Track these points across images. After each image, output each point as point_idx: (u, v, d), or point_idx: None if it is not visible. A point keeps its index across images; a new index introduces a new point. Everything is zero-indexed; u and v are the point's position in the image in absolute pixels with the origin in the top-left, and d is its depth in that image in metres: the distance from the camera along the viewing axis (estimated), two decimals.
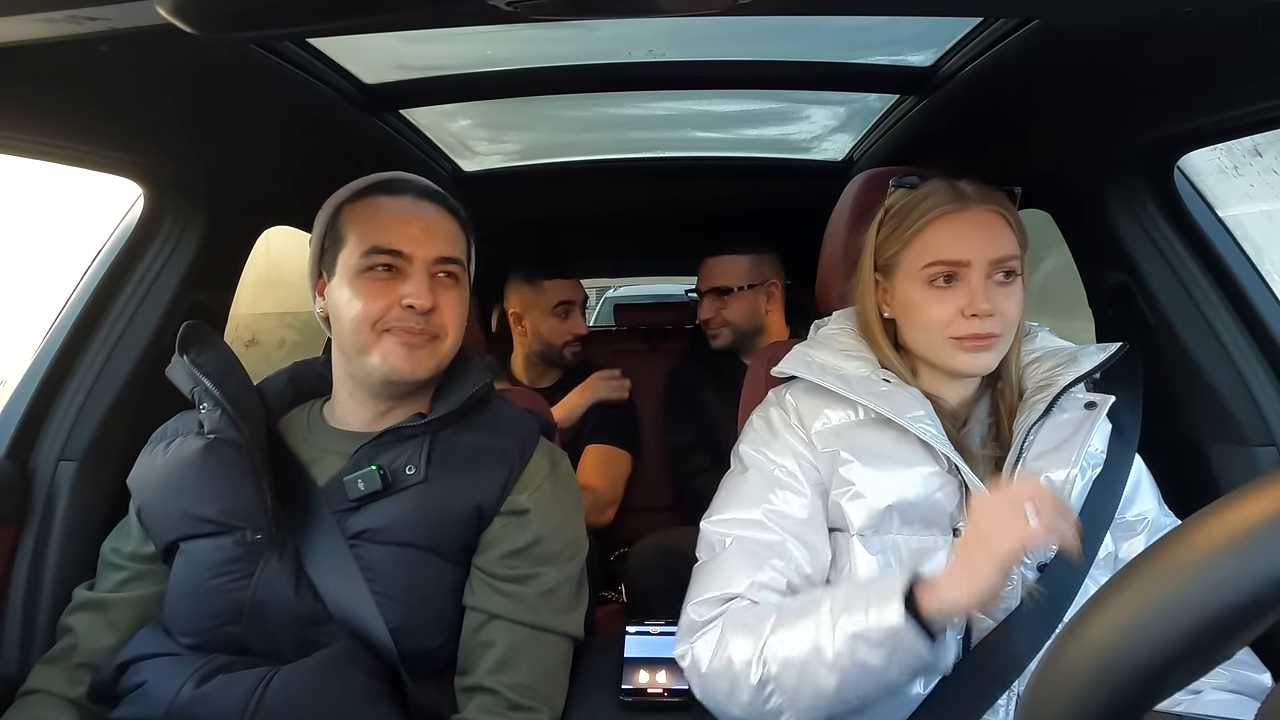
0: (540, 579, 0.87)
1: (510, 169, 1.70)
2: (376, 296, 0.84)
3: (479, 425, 0.91)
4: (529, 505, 0.88)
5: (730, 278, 1.66)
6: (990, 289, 0.81)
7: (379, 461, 0.84)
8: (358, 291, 0.85)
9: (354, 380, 0.90)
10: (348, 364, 0.89)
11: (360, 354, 0.86)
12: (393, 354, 0.84)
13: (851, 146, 1.59)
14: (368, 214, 0.88)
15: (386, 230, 0.86)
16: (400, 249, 0.85)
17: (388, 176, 0.92)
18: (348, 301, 0.85)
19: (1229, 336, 1.02)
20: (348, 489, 0.83)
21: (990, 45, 0.89)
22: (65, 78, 0.75)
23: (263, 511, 0.82)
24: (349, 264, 0.86)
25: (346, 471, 0.85)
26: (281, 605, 0.81)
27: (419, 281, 0.85)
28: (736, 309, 1.65)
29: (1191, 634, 0.28)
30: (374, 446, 0.86)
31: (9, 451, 1.02)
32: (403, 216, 0.88)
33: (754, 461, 0.88)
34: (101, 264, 1.10)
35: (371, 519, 0.83)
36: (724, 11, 0.62)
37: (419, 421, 0.88)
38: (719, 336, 1.67)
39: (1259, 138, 1.27)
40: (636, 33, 1.08)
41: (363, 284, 0.85)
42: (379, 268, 0.85)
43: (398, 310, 0.84)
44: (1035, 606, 0.78)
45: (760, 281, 1.67)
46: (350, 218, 0.88)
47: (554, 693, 0.86)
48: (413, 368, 0.85)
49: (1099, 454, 0.85)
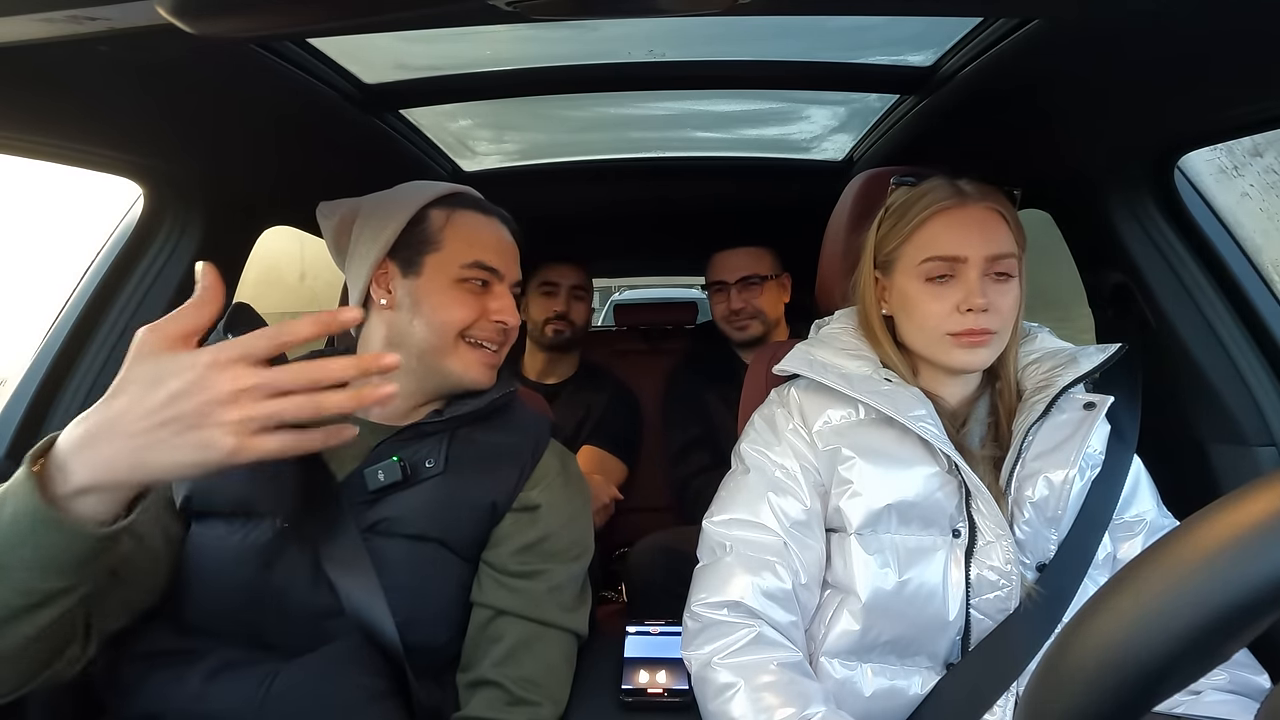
0: (548, 575, 0.88)
1: (510, 169, 1.70)
2: (468, 307, 0.90)
3: (497, 425, 0.93)
4: (540, 501, 0.90)
5: (761, 267, 1.67)
6: (986, 285, 0.81)
7: (400, 455, 0.86)
8: (453, 298, 0.89)
9: (403, 372, 0.90)
10: (408, 358, 0.89)
11: (436, 355, 0.89)
12: (474, 368, 0.90)
13: (851, 146, 1.59)
14: (471, 228, 0.93)
15: (487, 249, 0.92)
16: (497, 269, 0.92)
17: (476, 195, 0.98)
18: (439, 305, 0.89)
19: (1229, 336, 1.02)
20: (368, 480, 0.84)
21: (990, 45, 0.89)
22: (65, 78, 0.75)
23: (282, 501, 0.83)
24: (447, 269, 0.90)
25: (367, 464, 0.85)
26: (299, 596, 0.81)
27: (509, 301, 0.92)
28: (769, 298, 1.66)
29: (1193, 633, 0.28)
30: (395, 441, 0.88)
31: (9, 451, 1.02)
32: (498, 239, 0.95)
33: (755, 462, 0.88)
34: (101, 264, 1.10)
35: (388, 509, 0.84)
36: (724, 11, 0.62)
37: (440, 419, 0.89)
38: (748, 328, 1.65)
39: (1259, 138, 1.27)
40: (636, 33, 1.08)
41: (458, 292, 0.90)
42: (477, 281, 0.91)
43: (485, 323, 0.90)
44: (1034, 607, 0.78)
45: (783, 272, 1.70)
46: (450, 225, 0.92)
47: (558, 687, 0.87)
48: (488, 380, 0.92)
49: (1098, 454, 0.85)
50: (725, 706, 0.74)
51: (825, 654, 0.82)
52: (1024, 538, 0.81)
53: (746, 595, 0.80)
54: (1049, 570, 0.80)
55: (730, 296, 1.66)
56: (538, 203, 1.79)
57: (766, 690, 0.73)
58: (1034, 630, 0.78)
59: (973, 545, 0.80)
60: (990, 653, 0.79)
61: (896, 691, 0.81)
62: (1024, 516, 0.80)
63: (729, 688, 0.75)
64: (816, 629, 0.84)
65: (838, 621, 0.82)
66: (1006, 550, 0.79)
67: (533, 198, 1.76)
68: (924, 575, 0.80)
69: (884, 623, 0.80)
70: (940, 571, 0.80)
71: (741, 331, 1.66)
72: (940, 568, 0.80)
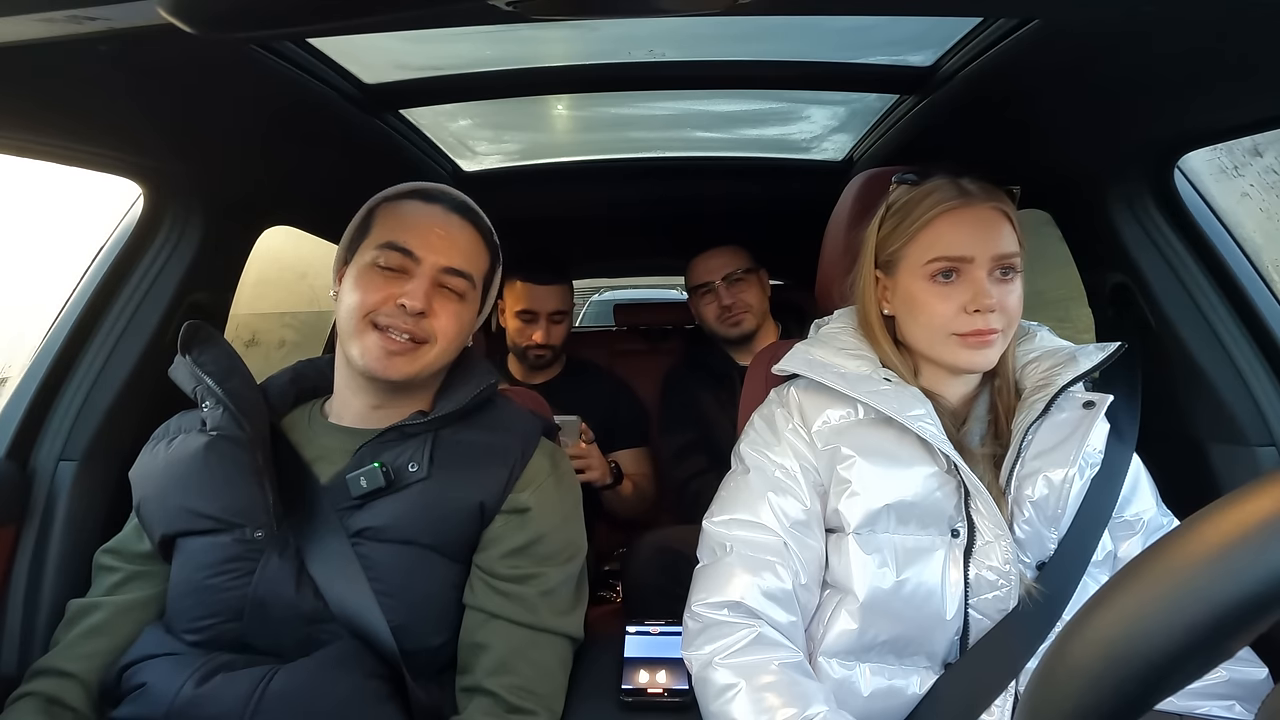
0: (540, 579, 0.87)
1: (510, 169, 1.70)
2: (376, 289, 0.87)
3: (482, 424, 0.92)
4: (530, 504, 0.88)
5: (741, 262, 1.69)
6: (992, 285, 0.81)
7: (382, 459, 0.85)
8: (361, 281, 0.87)
9: (349, 368, 0.91)
10: (343, 350, 0.90)
11: (346, 340, 0.88)
12: (371, 351, 0.86)
13: (851, 146, 1.59)
14: (397, 214, 0.91)
15: (406, 231, 0.88)
16: (412, 250, 0.87)
17: (430, 186, 0.95)
18: (351, 289, 0.88)
19: (1229, 336, 1.02)
20: (350, 486, 0.83)
21: (990, 45, 0.89)
22: (65, 78, 0.75)
23: (264, 509, 0.83)
24: (365, 253, 0.89)
25: (349, 469, 0.85)
26: (282, 603, 0.81)
27: (419, 284, 0.87)
28: (755, 292, 1.68)
29: (1194, 631, 0.28)
30: (377, 444, 0.87)
31: (9, 451, 1.02)
32: (427, 222, 0.90)
33: (755, 462, 0.88)
34: (101, 264, 1.11)
35: (374, 517, 0.84)
36: (724, 11, 0.62)
37: (421, 420, 0.88)
38: (742, 322, 1.66)
39: (1259, 138, 1.27)
40: (636, 33, 1.08)
41: (369, 275, 0.88)
42: (388, 264, 0.88)
43: (391, 307, 0.86)
44: (1033, 606, 0.78)
45: (759, 267, 1.72)
46: (381, 214, 0.92)
47: (553, 694, 0.86)
48: (384, 369, 0.86)
49: (1097, 453, 0.85)
50: (726, 707, 0.74)
51: (823, 654, 0.82)
52: (1024, 537, 0.81)
53: (747, 595, 0.80)
54: (1048, 569, 0.80)
55: (719, 294, 1.68)
56: (538, 203, 1.79)
57: (768, 690, 0.73)
58: (1033, 630, 0.78)
59: (971, 545, 0.80)
60: (988, 652, 0.79)
61: (895, 691, 0.81)
62: (1024, 516, 0.80)
63: (730, 688, 0.75)
64: (815, 629, 0.84)
65: (836, 621, 0.81)
66: (1005, 550, 0.79)
67: (533, 198, 1.76)
68: (922, 575, 0.80)
69: (882, 622, 0.80)
70: (939, 571, 0.80)
71: (735, 328, 1.67)
72: (939, 568, 0.80)
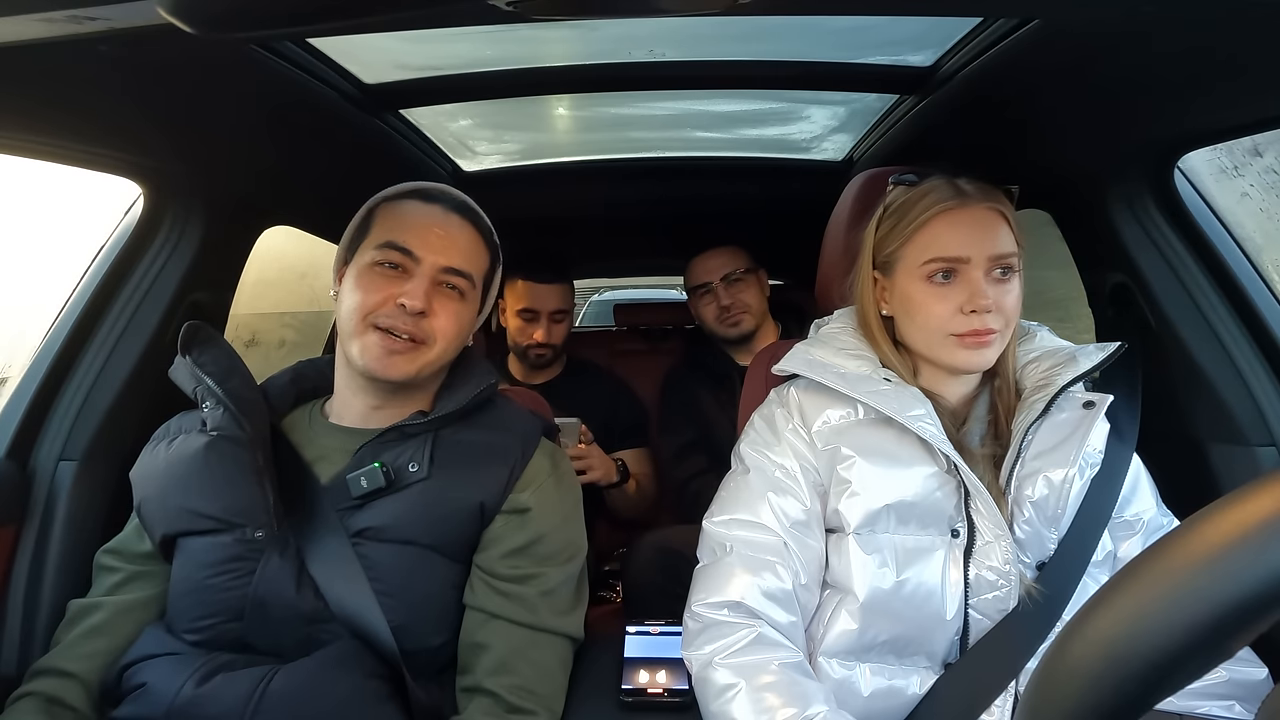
0: (540, 579, 0.87)
1: (510, 169, 1.70)
2: (376, 290, 0.87)
3: (482, 424, 0.92)
4: (530, 504, 0.88)
5: (740, 262, 1.69)
6: (989, 285, 0.81)
7: (382, 459, 0.85)
8: (361, 282, 0.87)
9: (349, 368, 0.91)
10: (343, 350, 0.90)
11: (346, 340, 0.88)
12: (370, 351, 0.86)
13: (851, 146, 1.59)
14: (396, 213, 0.91)
15: (405, 230, 0.88)
16: (411, 249, 0.87)
17: (429, 185, 0.95)
18: (350, 289, 0.88)
19: (1229, 336, 1.02)
20: (350, 486, 0.84)
21: (990, 45, 0.89)
22: (65, 78, 0.75)
23: (264, 509, 0.83)
24: (365, 254, 0.89)
25: (349, 469, 0.85)
26: (283, 603, 0.81)
27: (419, 284, 0.87)
28: (754, 292, 1.68)
29: (1194, 631, 0.28)
30: (377, 444, 0.87)
31: (9, 451, 1.02)
32: (426, 222, 0.90)
33: (755, 462, 0.88)
34: (101, 264, 1.10)
35: (374, 517, 0.84)
36: (724, 11, 0.62)
37: (422, 420, 0.88)
38: (741, 322, 1.66)
39: (1259, 138, 1.27)
40: (636, 33, 1.08)
41: (368, 276, 0.88)
42: (387, 264, 0.88)
43: (391, 307, 0.86)
44: (1033, 606, 0.78)
45: (758, 267, 1.72)
46: (381, 214, 0.92)
47: (553, 695, 0.86)
48: (384, 369, 0.86)
49: (1097, 453, 0.85)
50: (726, 707, 0.74)
51: (823, 654, 0.82)
52: (1024, 537, 0.81)
53: (747, 595, 0.80)
54: (1048, 569, 0.80)
55: (718, 295, 1.68)
56: (538, 203, 1.79)
57: (768, 691, 0.73)
58: (1032, 630, 0.78)
59: (971, 545, 0.80)
60: (988, 652, 0.79)
61: (895, 691, 0.81)
62: (1024, 516, 0.80)
63: (730, 688, 0.75)
64: (815, 629, 0.84)
65: (836, 621, 0.81)
66: (1005, 550, 0.79)
67: (533, 198, 1.76)
68: (922, 575, 0.80)
69: (882, 622, 0.80)
70: (939, 572, 0.80)
71: (735, 327, 1.67)
72: (939, 568, 0.80)
